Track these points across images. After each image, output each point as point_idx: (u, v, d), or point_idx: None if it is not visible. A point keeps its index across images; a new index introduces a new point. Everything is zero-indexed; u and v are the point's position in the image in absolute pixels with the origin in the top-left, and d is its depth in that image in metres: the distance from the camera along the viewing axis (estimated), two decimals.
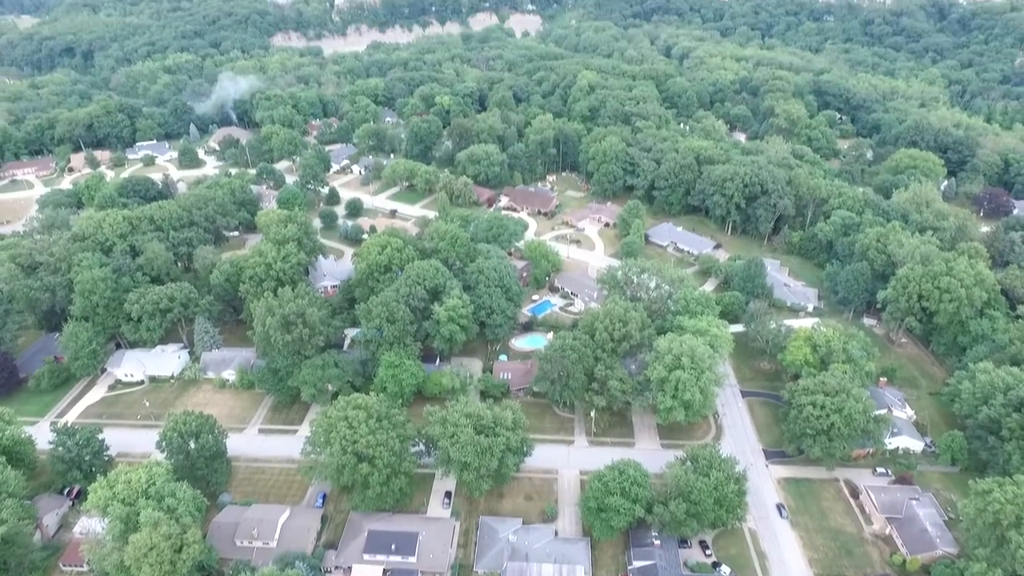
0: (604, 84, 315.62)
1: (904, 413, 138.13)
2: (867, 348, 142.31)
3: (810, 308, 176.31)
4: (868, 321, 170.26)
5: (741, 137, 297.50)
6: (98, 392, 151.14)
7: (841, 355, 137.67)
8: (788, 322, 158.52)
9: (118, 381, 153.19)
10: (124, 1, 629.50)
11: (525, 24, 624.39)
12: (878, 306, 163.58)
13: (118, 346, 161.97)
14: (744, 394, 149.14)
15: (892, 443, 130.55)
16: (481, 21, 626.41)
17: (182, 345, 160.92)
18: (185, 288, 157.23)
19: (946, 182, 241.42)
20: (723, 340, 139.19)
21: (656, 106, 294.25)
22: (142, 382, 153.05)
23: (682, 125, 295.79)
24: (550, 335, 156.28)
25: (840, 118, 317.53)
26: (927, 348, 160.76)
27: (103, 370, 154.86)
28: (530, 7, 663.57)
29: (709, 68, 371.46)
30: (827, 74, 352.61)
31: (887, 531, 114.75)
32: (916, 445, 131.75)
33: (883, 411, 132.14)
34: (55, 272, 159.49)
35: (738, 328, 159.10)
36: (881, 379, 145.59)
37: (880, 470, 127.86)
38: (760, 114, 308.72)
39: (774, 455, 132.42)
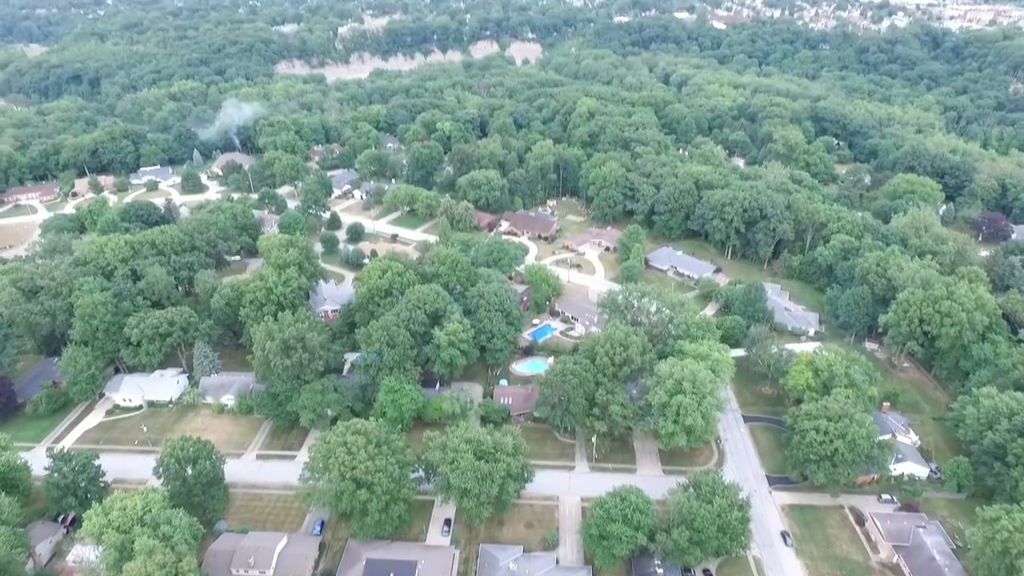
0: (603, 110, 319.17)
1: (908, 439, 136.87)
2: (869, 373, 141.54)
3: (811, 332, 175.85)
4: (870, 345, 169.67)
5: (740, 162, 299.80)
6: (96, 417, 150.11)
7: (843, 380, 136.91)
8: (789, 346, 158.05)
9: (116, 406, 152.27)
10: (131, 30, 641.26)
11: (525, 52, 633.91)
12: (879, 330, 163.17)
13: (117, 371, 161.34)
14: (746, 419, 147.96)
15: (897, 469, 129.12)
16: (482, 49, 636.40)
17: (181, 370, 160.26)
18: (185, 312, 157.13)
19: (944, 207, 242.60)
20: (724, 365, 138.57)
21: (655, 132, 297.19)
22: (140, 407, 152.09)
23: (681, 151, 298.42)
24: (551, 360, 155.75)
25: (838, 144, 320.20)
26: (929, 373, 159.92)
27: (101, 395, 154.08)
28: (530, 36, 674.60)
29: (707, 95, 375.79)
30: (824, 101, 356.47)
31: (894, 560, 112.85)
32: (921, 471, 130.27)
33: (887, 437, 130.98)
34: (56, 296, 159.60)
35: (739, 352, 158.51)
36: (884, 404, 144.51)
37: (885, 497, 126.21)
38: (758, 140, 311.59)
39: (777, 481, 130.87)
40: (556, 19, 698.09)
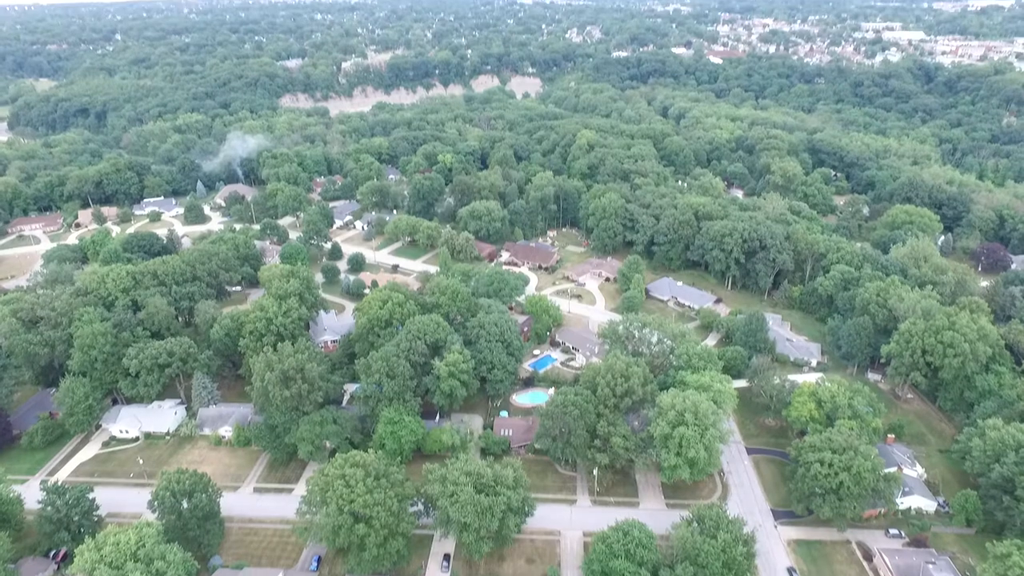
0: (603, 143, 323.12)
1: (914, 471, 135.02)
2: (873, 404, 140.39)
3: (813, 363, 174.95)
4: (872, 376, 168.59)
5: (738, 194, 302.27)
6: (92, 449, 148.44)
7: (847, 411, 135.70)
8: (792, 377, 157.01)
9: (112, 438, 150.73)
10: (140, 65, 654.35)
11: (526, 86, 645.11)
12: (882, 361, 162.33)
13: (115, 402, 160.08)
14: (750, 451, 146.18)
15: (904, 503, 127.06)
16: (483, 83, 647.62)
17: (179, 401, 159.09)
18: (185, 343, 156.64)
19: (943, 237, 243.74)
20: (727, 396, 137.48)
21: (654, 164, 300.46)
22: (137, 439, 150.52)
23: (680, 182, 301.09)
24: (551, 391, 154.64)
25: (835, 175, 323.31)
26: (934, 404, 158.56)
27: (98, 426, 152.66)
28: (530, 70, 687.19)
29: (705, 127, 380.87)
30: (820, 133, 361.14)
31: None
32: (929, 505, 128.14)
33: (893, 469, 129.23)
34: (56, 327, 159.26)
35: (741, 383, 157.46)
36: (889, 436, 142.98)
37: (893, 531, 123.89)
38: (756, 171, 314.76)
39: (783, 515, 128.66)
40: (556, 54, 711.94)
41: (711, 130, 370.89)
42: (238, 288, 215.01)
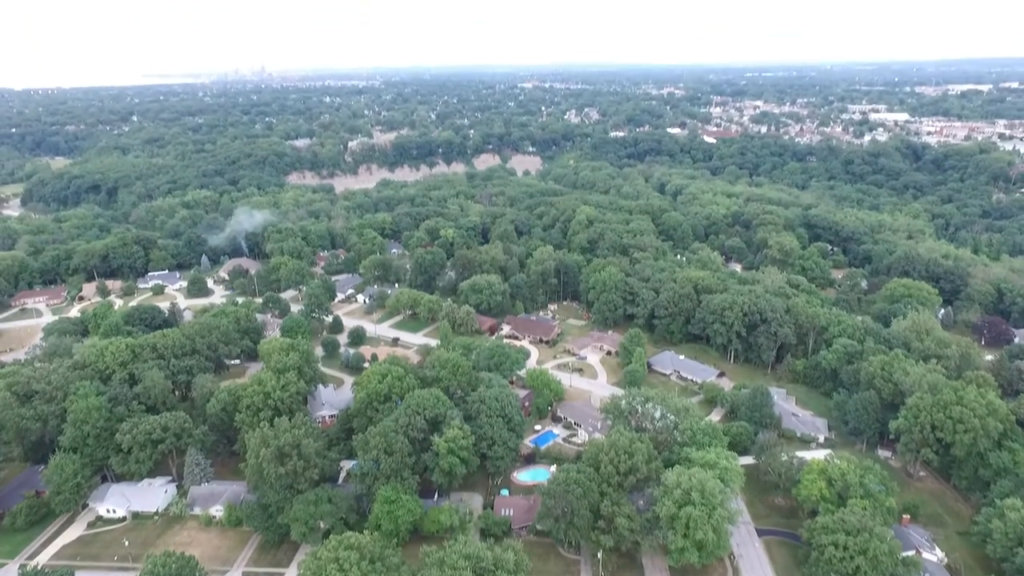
0: (602, 218, 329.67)
1: (934, 555, 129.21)
2: (885, 482, 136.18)
3: (821, 439, 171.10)
4: (883, 453, 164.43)
5: (737, 267, 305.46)
6: (76, 530, 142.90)
7: (859, 490, 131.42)
8: (800, 454, 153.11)
9: (99, 518, 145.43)
10: (153, 144, 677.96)
11: (526, 164, 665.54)
12: (891, 437, 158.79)
13: (104, 479, 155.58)
14: (760, 532, 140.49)
15: None
16: (485, 161, 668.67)
17: (170, 478, 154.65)
18: (180, 418, 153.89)
19: (943, 311, 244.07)
20: (734, 473, 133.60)
21: (652, 238, 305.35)
22: (124, 519, 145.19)
23: (679, 256, 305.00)
24: (553, 468, 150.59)
25: (832, 249, 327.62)
26: (948, 482, 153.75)
27: (85, 505, 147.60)
28: (531, 149, 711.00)
29: (702, 203, 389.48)
30: (815, 209, 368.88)
31: None
32: None
33: (911, 553, 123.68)
34: (50, 401, 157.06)
35: (748, 460, 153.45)
36: (904, 516, 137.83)
37: None
38: (754, 246, 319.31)
39: None
40: (555, 134, 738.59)
41: (708, 206, 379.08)
42: (237, 361, 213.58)
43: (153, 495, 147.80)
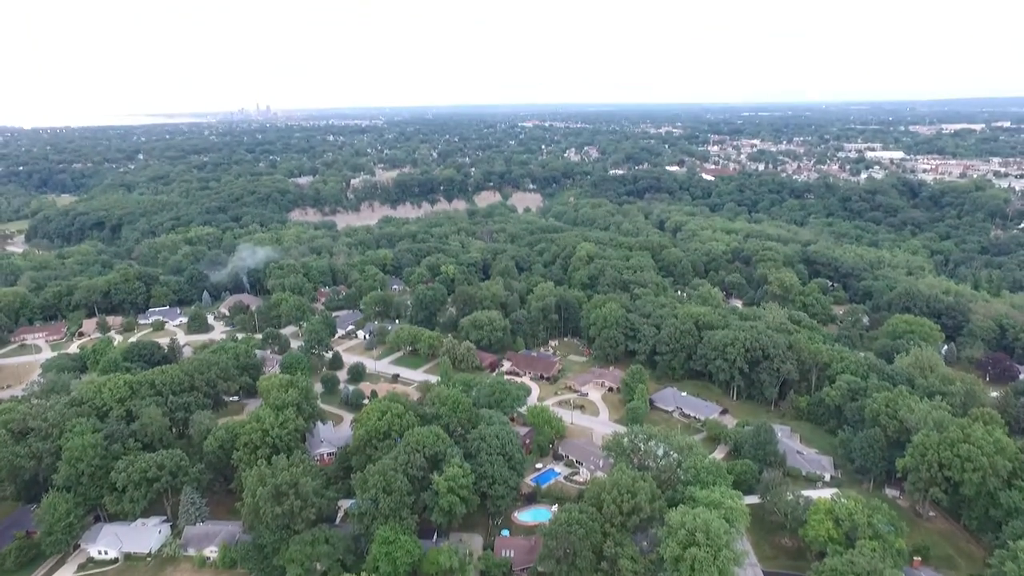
0: (602, 254, 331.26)
1: None
2: (894, 522, 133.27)
3: (827, 477, 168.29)
4: (890, 492, 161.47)
5: (738, 303, 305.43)
6: (67, 572, 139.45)
7: (867, 530, 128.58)
8: (805, 493, 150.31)
9: (90, 559, 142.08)
10: (158, 182, 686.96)
11: (526, 201, 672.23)
12: (898, 475, 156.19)
13: (97, 519, 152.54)
14: (767, 575, 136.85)
15: None
16: (485, 198, 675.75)
17: (164, 518, 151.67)
18: (176, 456, 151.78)
19: (945, 347, 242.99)
20: (739, 513, 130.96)
21: (653, 275, 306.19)
22: (116, 560, 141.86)
23: (679, 292, 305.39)
24: (555, 507, 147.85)
25: (832, 285, 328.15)
26: (958, 522, 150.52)
27: (76, 546, 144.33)
28: (531, 186, 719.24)
29: (701, 240, 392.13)
30: (814, 245, 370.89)
31: None
32: None
33: None
34: (46, 438, 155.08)
35: (753, 499, 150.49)
36: (915, 559, 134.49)
37: None
38: (754, 282, 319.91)
39: None
40: (555, 172, 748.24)
41: (707, 242, 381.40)
42: (236, 398, 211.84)
43: (146, 535, 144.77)
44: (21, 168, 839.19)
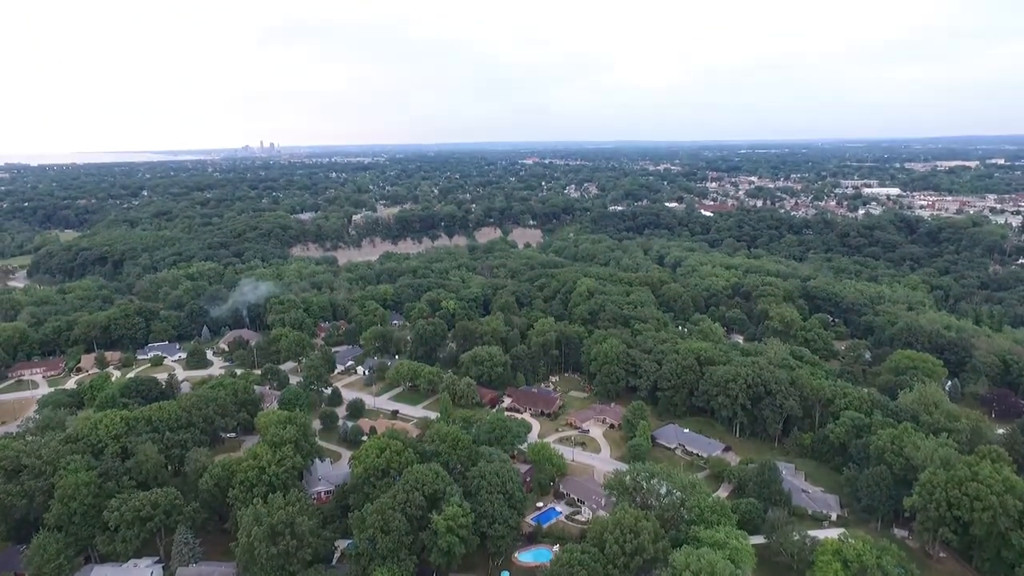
0: (602, 290, 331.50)
1: None
2: (904, 564, 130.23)
3: (834, 516, 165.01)
4: (899, 532, 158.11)
5: (739, 339, 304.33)
6: None
7: (876, 572, 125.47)
8: (812, 533, 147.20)
9: None
10: (161, 217, 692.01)
11: (527, 237, 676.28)
12: (906, 514, 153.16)
13: (87, 560, 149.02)
14: None
15: None
16: (486, 234, 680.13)
17: (156, 559, 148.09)
18: (170, 494, 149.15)
19: (949, 383, 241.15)
20: (744, 554, 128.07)
21: (653, 310, 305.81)
22: None
23: (680, 327, 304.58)
24: (556, 548, 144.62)
25: (833, 320, 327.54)
26: (970, 564, 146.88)
27: None
28: (531, 222, 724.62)
29: (701, 275, 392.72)
30: (814, 280, 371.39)
31: None
32: None
33: None
34: (39, 476, 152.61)
35: (758, 540, 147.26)
36: None
37: None
38: (755, 317, 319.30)
39: None
40: (555, 208, 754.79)
41: (707, 278, 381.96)
42: (233, 434, 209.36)
43: None
44: (26, 204, 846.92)
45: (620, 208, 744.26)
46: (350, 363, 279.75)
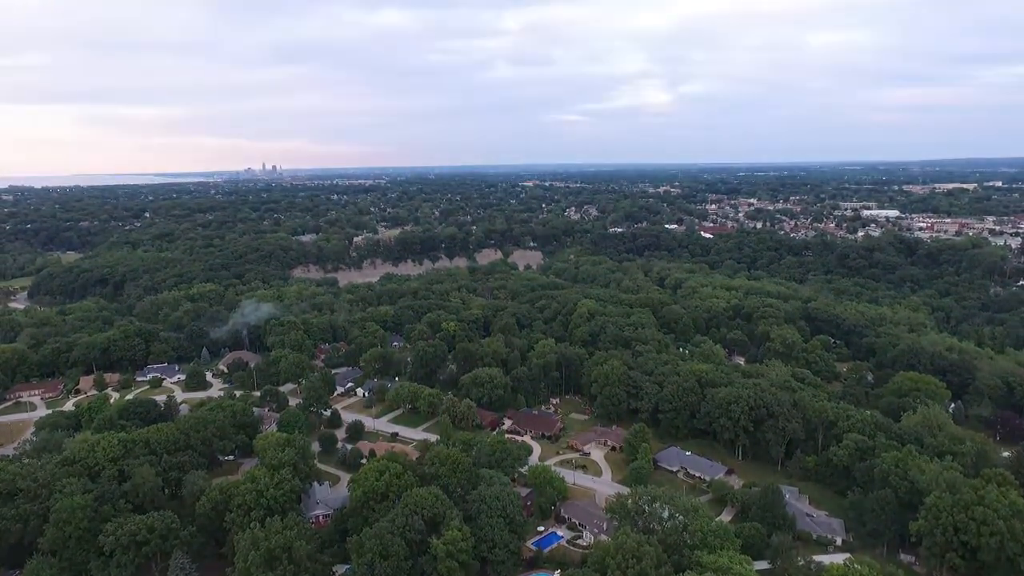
0: (603, 311, 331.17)
1: None
2: None
3: (839, 541, 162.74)
4: (905, 557, 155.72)
5: (740, 360, 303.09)
6: None
7: None
8: (817, 558, 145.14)
9: None
10: (163, 239, 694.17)
11: (527, 259, 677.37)
12: (912, 539, 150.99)
13: None
14: None
15: None
16: (487, 256, 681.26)
17: None
18: (167, 518, 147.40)
19: (953, 405, 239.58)
20: None
21: (654, 331, 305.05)
22: None
23: (681, 349, 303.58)
24: (557, 573, 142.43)
25: (834, 342, 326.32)
26: None
27: None
28: (532, 244, 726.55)
29: (702, 297, 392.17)
30: (814, 302, 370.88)
31: None
32: None
33: None
34: (34, 499, 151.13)
35: (762, 565, 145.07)
36: None
37: None
38: (756, 339, 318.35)
39: None
40: (555, 230, 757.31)
41: (708, 299, 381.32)
42: (231, 457, 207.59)
43: None
44: (28, 226, 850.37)
45: (620, 230, 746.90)
46: (350, 385, 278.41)
